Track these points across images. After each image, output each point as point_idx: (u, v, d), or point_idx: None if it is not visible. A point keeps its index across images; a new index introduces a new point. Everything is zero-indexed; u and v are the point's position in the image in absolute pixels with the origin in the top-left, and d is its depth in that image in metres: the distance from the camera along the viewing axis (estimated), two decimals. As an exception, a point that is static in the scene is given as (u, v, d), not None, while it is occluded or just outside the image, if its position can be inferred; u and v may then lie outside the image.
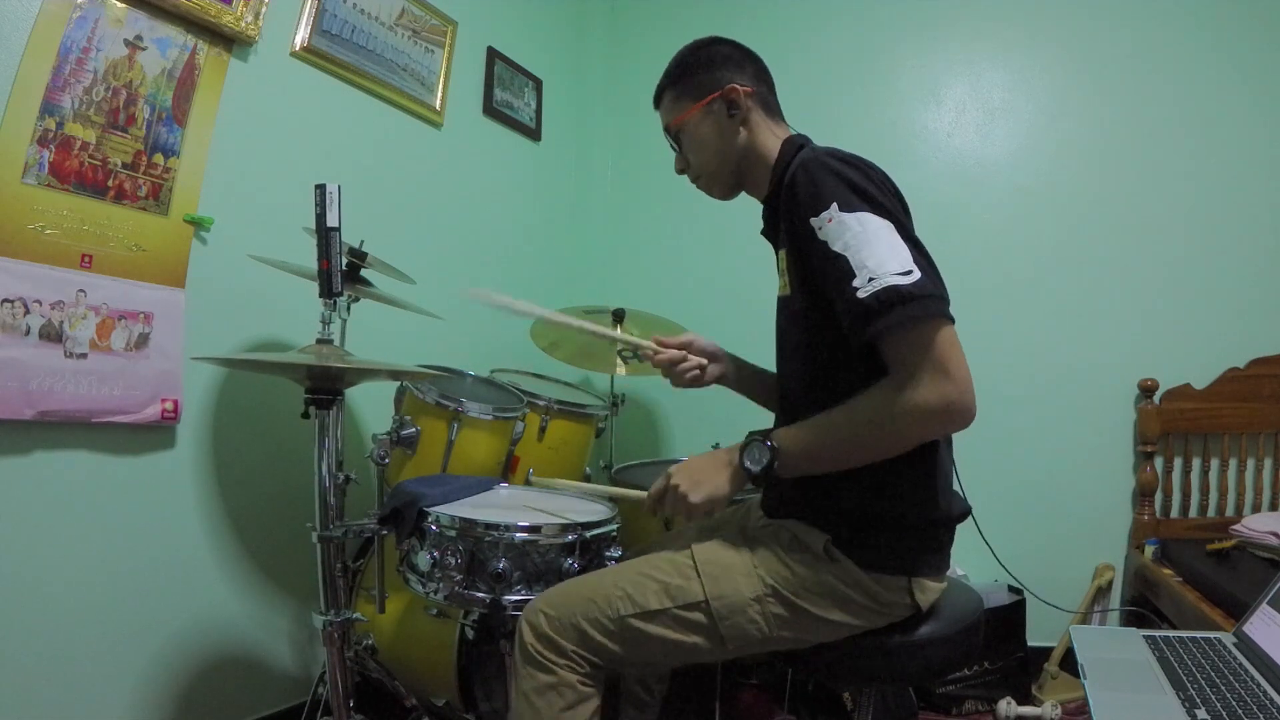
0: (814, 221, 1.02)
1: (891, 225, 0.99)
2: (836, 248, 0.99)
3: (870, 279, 0.95)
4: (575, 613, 1.09)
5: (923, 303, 0.94)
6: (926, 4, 2.52)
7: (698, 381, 1.34)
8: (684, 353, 1.32)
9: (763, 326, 1.47)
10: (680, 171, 1.30)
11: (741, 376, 1.40)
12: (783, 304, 1.21)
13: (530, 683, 1.07)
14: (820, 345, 1.10)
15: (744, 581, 1.08)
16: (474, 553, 1.27)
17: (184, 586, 1.64)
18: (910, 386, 0.96)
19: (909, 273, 0.95)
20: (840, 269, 0.98)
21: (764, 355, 1.44)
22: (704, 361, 1.33)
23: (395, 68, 2.07)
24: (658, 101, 1.30)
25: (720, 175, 1.26)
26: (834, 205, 1.00)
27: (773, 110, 1.25)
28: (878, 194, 1.01)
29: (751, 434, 1.09)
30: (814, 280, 1.06)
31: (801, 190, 1.04)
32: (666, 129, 1.28)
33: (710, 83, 1.21)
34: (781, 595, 1.08)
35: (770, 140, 1.21)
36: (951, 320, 0.97)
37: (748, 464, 1.07)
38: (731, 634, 1.08)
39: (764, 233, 1.27)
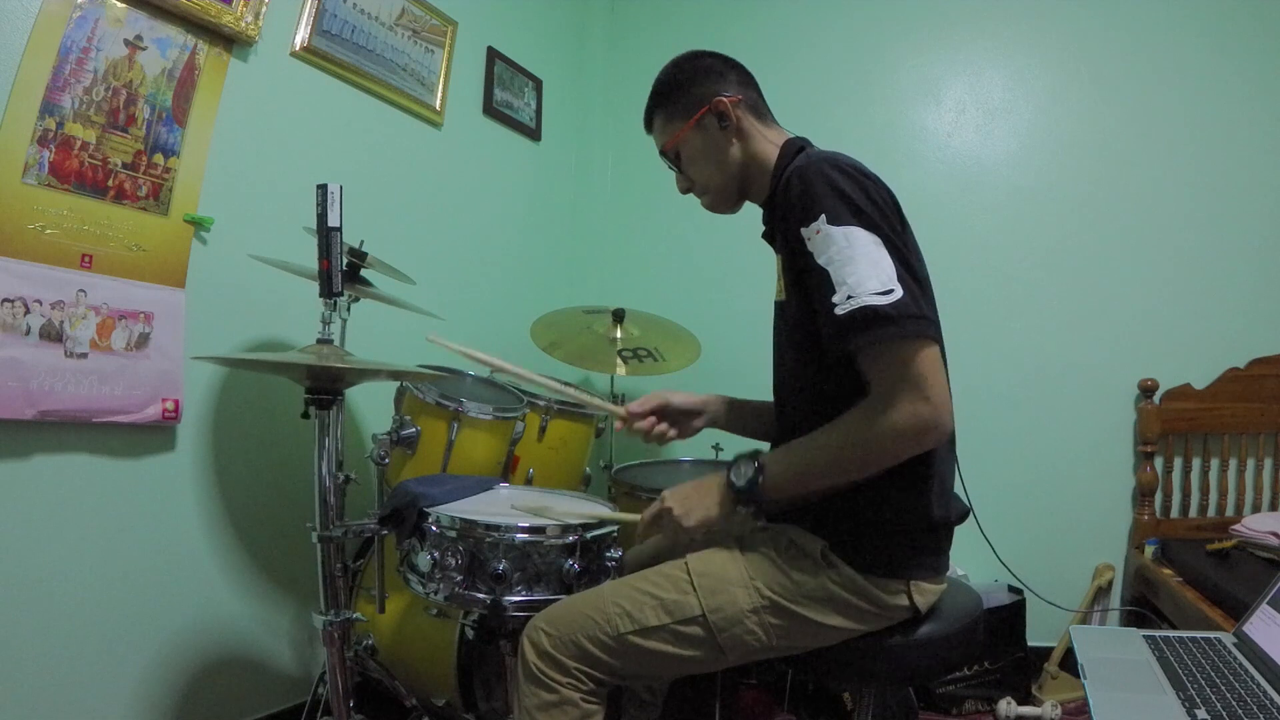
0: (804, 231, 1.02)
1: (879, 240, 0.99)
2: (821, 261, 0.99)
3: (848, 296, 0.96)
4: (575, 630, 1.09)
5: (899, 323, 0.94)
6: (926, 4, 2.51)
7: (681, 438, 1.36)
8: (652, 420, 1.33)
9: (763, 326, 1.47)
10: (685, 191, 1.29)
11: (733, 417, 1.39)
12: (779, 308, 1.21)
13: (533, 700, 1.07)
14: (814, 350, 1.09)
15: (740, 593, 1.08)
16: (474, 553, 1.27)
17: (184, 586, 1.64)
18: (886, 407, 0.97)
19: (889, 292, 0.95)
20: (822, 283, 0.99)
21: (763, 356, 1.43)
22: (666, 427, 1.33)
23: (395, 68, 2.07)
24: (649, 125, 1.29)
25: (724, 189, 1.25)
26: (822, 217, 1.00)
27: (764, 115, 1.25)
28: (869, 207, 1.01)
29: (739, 454, 1.10)
30: (805, 287, 1.06)
31: (795, 198, 1.04)
32: (663, 152, 1.27)
33: (697, 99, 1.21)
34: (779, 605, 1.07)
35: (766, 146, 1.21)
36: (933, 340, 0.98)
37: (733, 478, 1.08)
38: (730, 645, 1.08)
39: (764, 236, 1.27)
